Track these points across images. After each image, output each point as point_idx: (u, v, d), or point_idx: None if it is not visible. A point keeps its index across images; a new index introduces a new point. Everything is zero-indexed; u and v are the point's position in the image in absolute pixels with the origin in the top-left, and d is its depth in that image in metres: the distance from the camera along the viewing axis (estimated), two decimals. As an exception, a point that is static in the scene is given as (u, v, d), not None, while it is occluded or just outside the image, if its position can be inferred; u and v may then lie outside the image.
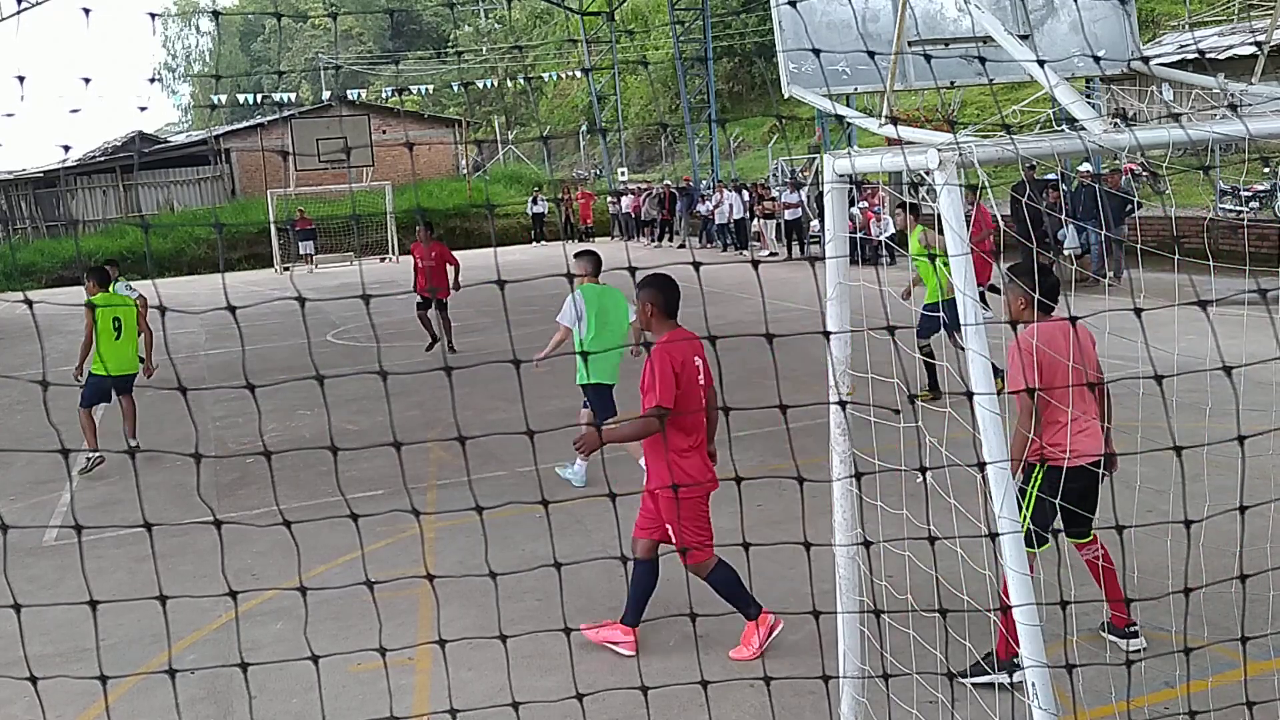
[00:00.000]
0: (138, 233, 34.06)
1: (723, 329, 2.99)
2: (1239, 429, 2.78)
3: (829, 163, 3.73)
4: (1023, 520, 4.73)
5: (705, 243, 29.04)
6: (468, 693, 5.06)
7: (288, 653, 5.61)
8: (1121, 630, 5.09)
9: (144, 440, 10.12)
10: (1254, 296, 3.37)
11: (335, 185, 35.40)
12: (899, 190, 21.56)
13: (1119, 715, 4.23)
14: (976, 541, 4.40)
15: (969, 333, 3.04)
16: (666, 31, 38.56)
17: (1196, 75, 4.20)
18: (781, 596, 5.61)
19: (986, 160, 3.11)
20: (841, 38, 3.86)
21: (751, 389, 9.09)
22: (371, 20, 60.79)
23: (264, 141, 39.42)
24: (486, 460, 9.04)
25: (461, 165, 43.25)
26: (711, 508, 5.28)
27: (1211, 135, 3.16)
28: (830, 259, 3.82)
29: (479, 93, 50.20)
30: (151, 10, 66.50)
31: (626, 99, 47.01)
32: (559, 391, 10.67)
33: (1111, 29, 4.24)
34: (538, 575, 5.41)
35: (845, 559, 3.99)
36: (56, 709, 5.22)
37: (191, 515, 6.98)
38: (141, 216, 37.96)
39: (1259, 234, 17.82)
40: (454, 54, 53.30)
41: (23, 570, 7.12)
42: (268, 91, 42.39)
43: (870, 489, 3.76)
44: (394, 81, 52.04)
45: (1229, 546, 3.41)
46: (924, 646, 4.00)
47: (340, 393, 11.74)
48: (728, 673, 4.98)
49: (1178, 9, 28.46)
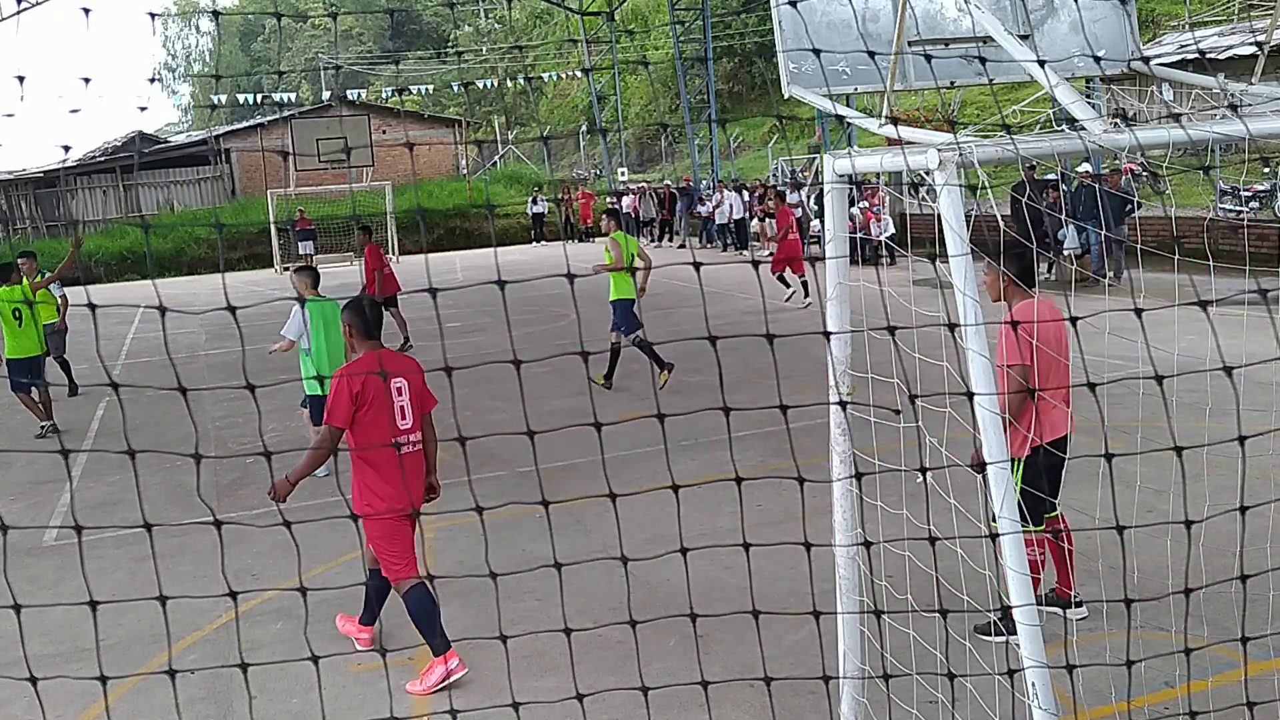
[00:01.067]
0: (138, 233, 34.06)
1: (723, 329, 2.99)
2: (1239, 429, 2.78)
3: (829, 163, 3.73)
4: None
5: (705, 243, 29.04)
6: (467, 693, 5.05)
7: (288, 653, 5.61)
8: (1065, 600, 5.33)
9: (144, 440, 10.13)
10: (1254, 296, 3.37)
11: (335, 185, 35.38)
12: (899, 190, 21.58)
13: (1119, 715, 4.23)
14: (976, 541, 4.41)
15: (969, 333, 3.04)
16: (666, 31, 38.56)
17: (1196, 75, 4.20)
18: (781, 596, 5.61)
19: (986, 160, 3.10)
20: (841, 38, 3.86)
21: (751, 389, 9.09)
22: (371, 20, 60.79)
23: (264, 141, 39.41)
24: (487, 460, 9.03)
25: (461, 165, 43.24)
26: (712, 508, 5.28)
27: (1211, 135, 3.16)
28: (830, 259, 3.82)
29: (479, 93, 50.19)
30: (151, 10, 66.51)
31: (626, 99, 47.01)
32: (559, 391, 10.68)
33: (1111, 29, 4.24)
34: (538, 575, 5.40)
35: (845, 559, 3.99)
36: (56, 709, 5.21)
37: (191, 515, 6.98)
38: (141, 216, 37.98)
39: (1259, 234, 17.82)
40: (454, 54, 53.30)
41: (23, 570, 7.12)
42: (268, 91, 42.39)
43: (870, 489, 3.76)
44: (394, 81, 52.05)
45: (1229, 546, 3.41)
46: (924, 646, 4.00)
47: (340, 393, 11.71)
48: (728, 673, 4.99)
49: (1178, 9, 28.45)
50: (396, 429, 5.25)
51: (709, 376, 10.27)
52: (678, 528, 3.35)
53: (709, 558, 5.81)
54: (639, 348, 11.38)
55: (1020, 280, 4.99)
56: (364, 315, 5.37)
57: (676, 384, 11.20)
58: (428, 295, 2.80)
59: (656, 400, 3.84)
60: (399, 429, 5.26)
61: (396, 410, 5.27)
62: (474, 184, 40.34)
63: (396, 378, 5.31)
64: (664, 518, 6.72)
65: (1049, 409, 5.06)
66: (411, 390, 5.35)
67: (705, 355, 5.50)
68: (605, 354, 11.63)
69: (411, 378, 5.39)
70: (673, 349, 11.16)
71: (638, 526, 6.85)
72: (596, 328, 15.54)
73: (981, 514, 4.48)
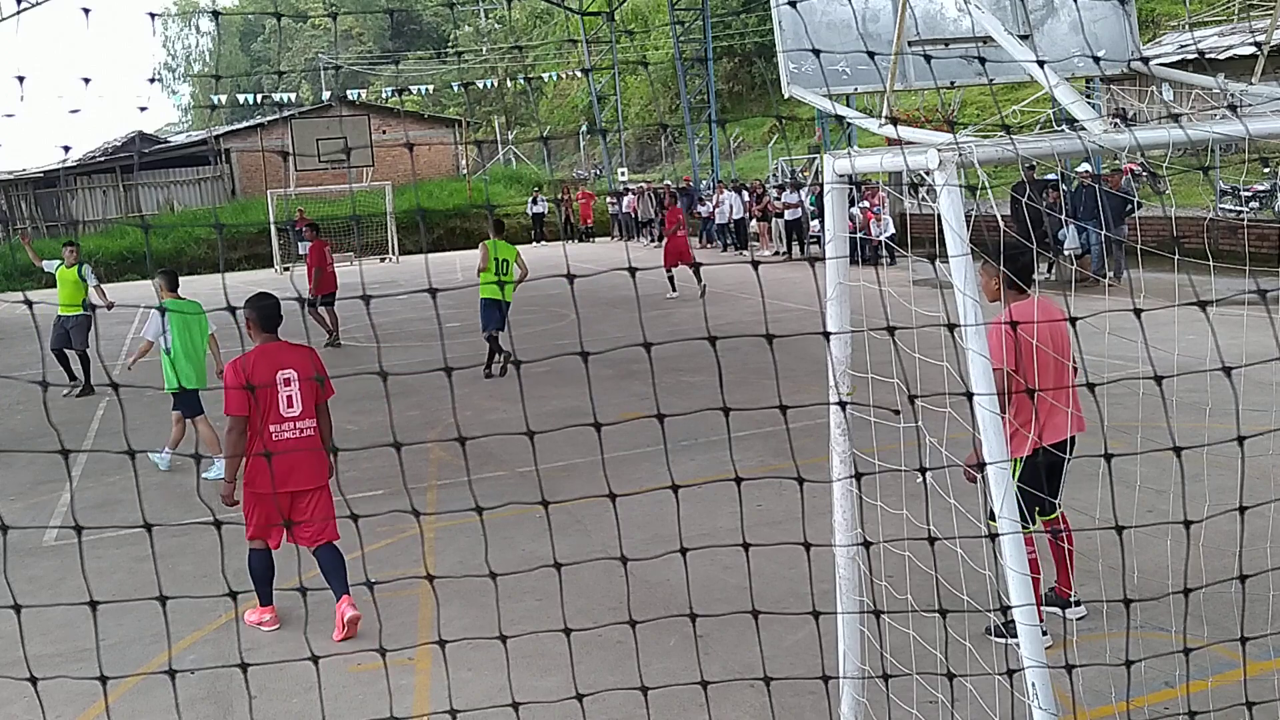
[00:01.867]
0: (138, 233, 34.06)
1: (722, 329, 2.99)
2: (1239, 429, 2.78)
3: (829, 163, 3.73)
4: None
5: (705, 243, 29.03)
6: (467, 693, 5.06)
7: (288, 653, 5.61)
8: (1064, 600, 5.33)
9: (144, 440, 10.14)
10: (1254, 296, 3.37)
11: (335, 185, 35.38)
12: (899, 190, 21.58)
13: (1119, 715, 4.23)
14: (976, 541, 4.41)
15: (969, 333, 3.04)
16: (666, 31, 38.56)
17: (1196, 75, 4.20)
18: (781, 596, 5.61)
19: (986, 160, 3.10)
20: (841, 38, 3.86)
21: (751, 389, 9.09)
22: (371, 20, 60.77)
23: (264, 141, 39.39)
24: (486, 460, 9.03)
25: (461, 165, 43.23)
26: (712, 508, 5.28)
27: (1211, 135, 3.16)
28: (830, 259, 3.82)
29: (479, 93, 50.18)
30: (151, 10, 66.45)
31: (626, 99, 47.00)
32: (559, 391, 10.67)
33: (1111, 29, 4.24)
34: (537, 575, 5.41)
35: (845, 559, 3.99)
36: (56, 709, 5.21)
37: (191, 515, 6.98)
38: (141, 216, 37.92)
39: (1259, 234, 17.82)
40: (454, 54, 53.27)
41: (23, 570, 7.12)
42: (268, 91, 42.36)
43: (870, 489, 3.76)
44: (394, 81, 52.04)
45: (1229, 546, 3.41)
46: (924, 646, 4.00)
47: (340, 393, 11.67)
48: (728, 673, 4.99)
49: (1178, 9, 28.46)
50: (281, 416, 5.71)
51: (709, 376, 10.27)
52: (678, 528, 3.35)
53: (709, 558, 5.81)
54: (488, 340, 12.68)
55: (1018, 280, 4.99)
56: (261, 308, 5.83)
57: (676, 384, 11.21)
58: (427, 296, 2.80)
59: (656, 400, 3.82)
60: (284, 416, 5.72)
61: (283, 399, 5.71)
62: (474, 184, 40.34)
63: (285, 368, 5.73)
64: (664, 518, 6.72)
65: (1048, 411, 5.05)
66: (301, 379, 5.73)
67: (705, 355, 5.50)
68: (605, 354, 11.63)
69: (302, 367, 5.78)
70: (673, 349, 11.16)
71: (638, 526, 6.85)
72: (597, 328, 15.55)
73: (981, 514, 4.48)
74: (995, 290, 5.13)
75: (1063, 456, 5.11)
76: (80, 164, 37.92)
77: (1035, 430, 4.91)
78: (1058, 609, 5.34)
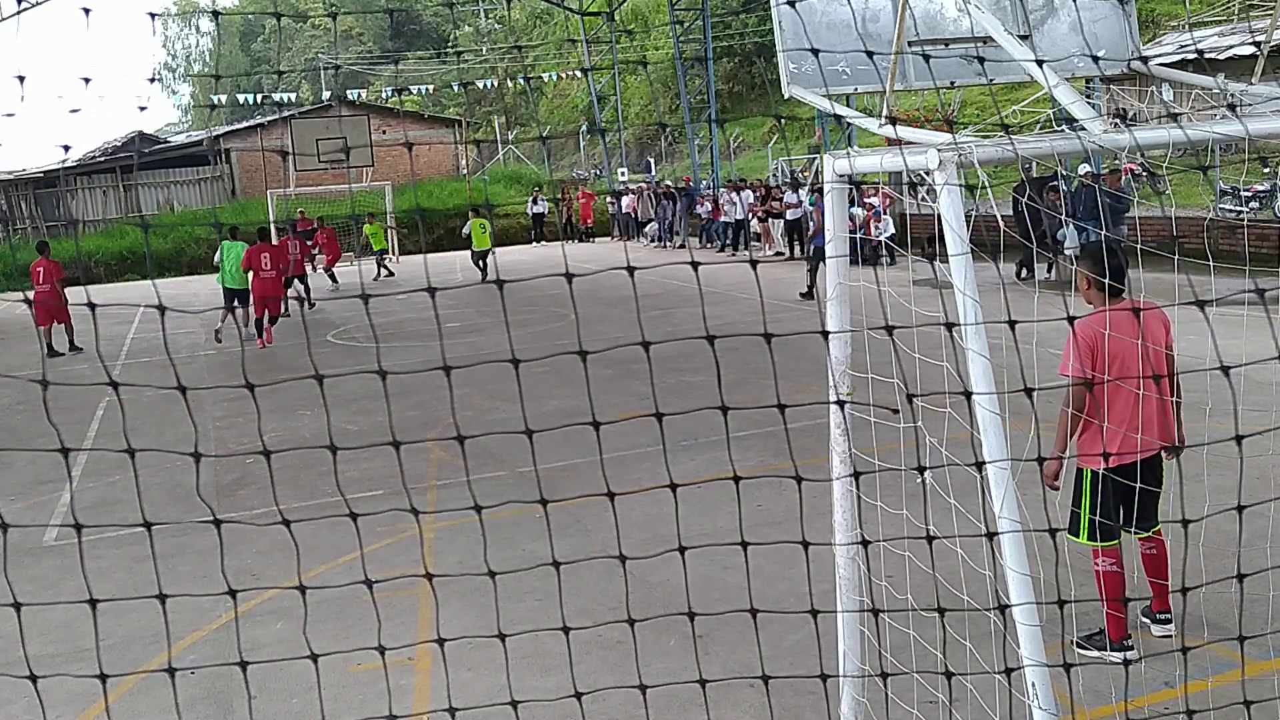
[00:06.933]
0: (138, 233, 34.05)
1: (722, 329, 2.99)
2: (1238, 429, 2.78)
3: (829, 163, 3.73)
4: (1083, 515, 4.83)
5: (705, 243, 29.01)
6: (467, 693, 5.05)
7: (288, 653, 5.61)
8: (1154, 615, 5.24)
9: (144, 440, 10.14)
10: (1253, 296, 3.37)
11: (335, 185, 35.36)
12: (899, 190, 21.58)
13: (1119, 715, 4.23)
14: (976, 541, 4.41)
15: (968, 332, 3.04)
16: (666, 31, 38.54)
17: (1196, 75, 4.20)
18: (781, 596, 5.61)
19: (986, 160, 3.11)
20: (841, 38, 3.86)
21: (751, 389, 9.09)
22: (371, 20, 60.75)
23: (264, 141, 39.38)
24: (486, 460, 9.03)
25: (461, 165, 43.22)
26: (712, 507, 5.28)
27: (1211, 135, 3.16)
28: (830, 259, 3.83)
29: (479, 93, 50.17)
30: (151, 10, 66.52)
31: (626, 99, 46.98)
32: (559, 391, 10.67)
33: (1111, 29, 4.24)
34: (537, 575, 5.40)
35: (845, 559, 3.99)
36: (56, 709, 5.22)
37: (191, 515, 6.98)
38: (141, 216, 37.96)
39: (1259, 234, 17.82)
40: (454, 54, 53.23)
41: (23, 570, 7.12)
42: (268, 91, 42.33)
43: (870, 489, 3.76)
44: (394, 81, 52.04)
45: (1229, 546, 3.41)
46: (924, 646, 4.00)
47: (340, 393, 11.74)
48: (728, 672, 4.99)
49: (1178, 9, 28.45)
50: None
51: (708, 376, 10.27)
52: (677, 528, 3.35)
53: (708, 557, 5.81)
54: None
55: (1112, 283, 4.70)
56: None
57: (676, 384, 11.21)
58: (426, 295, 2.80)
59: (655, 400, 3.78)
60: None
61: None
62: (474, 184, 40.33)
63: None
64: (664, 517, 6.71)
65: (1113, 430, 4.71)
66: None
67: (705, 355, 5.50)
68: (604, 353, 11.62)
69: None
70: (672, 349, 11.16)
71: (637, 526, 6.85)
72: (596, 328, 15.54)
73: (981, 514, 4.48)
74: (1086, 293, 4.88)
75: (1131, 484, 4.62)
76: (80, 164, 37.91)
77: (1109, 445, 4.64)
78: (1150, 621, 5.19)
